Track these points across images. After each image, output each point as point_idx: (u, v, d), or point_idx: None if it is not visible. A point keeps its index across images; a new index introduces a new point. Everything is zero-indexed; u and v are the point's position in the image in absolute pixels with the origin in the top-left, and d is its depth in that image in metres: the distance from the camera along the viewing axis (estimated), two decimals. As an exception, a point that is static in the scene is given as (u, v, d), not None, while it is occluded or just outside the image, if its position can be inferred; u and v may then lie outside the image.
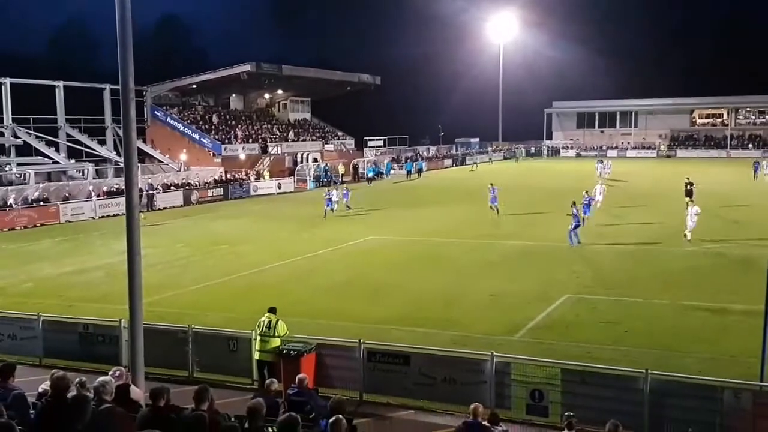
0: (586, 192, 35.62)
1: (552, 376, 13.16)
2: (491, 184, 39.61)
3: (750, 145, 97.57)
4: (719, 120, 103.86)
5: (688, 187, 38.40)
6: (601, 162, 64.57)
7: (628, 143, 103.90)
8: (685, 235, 29.41)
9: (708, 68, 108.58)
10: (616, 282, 23.22)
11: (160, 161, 64.37)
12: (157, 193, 50.05)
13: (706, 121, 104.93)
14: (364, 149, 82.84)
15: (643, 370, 12.50)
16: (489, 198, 39.06)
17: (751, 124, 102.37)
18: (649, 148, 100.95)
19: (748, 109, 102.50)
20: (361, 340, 14.26)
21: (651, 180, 61.06)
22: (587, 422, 10.83)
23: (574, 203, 30.47)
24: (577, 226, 29.84)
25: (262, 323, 14.46)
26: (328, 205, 40.23)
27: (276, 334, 14.27)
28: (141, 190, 39.65)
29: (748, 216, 36.91)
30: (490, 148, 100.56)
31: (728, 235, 31.18)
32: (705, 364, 14.83)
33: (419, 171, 72.80)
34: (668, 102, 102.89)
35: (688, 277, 23.68)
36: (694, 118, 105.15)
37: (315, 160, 70.88)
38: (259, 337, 14.41)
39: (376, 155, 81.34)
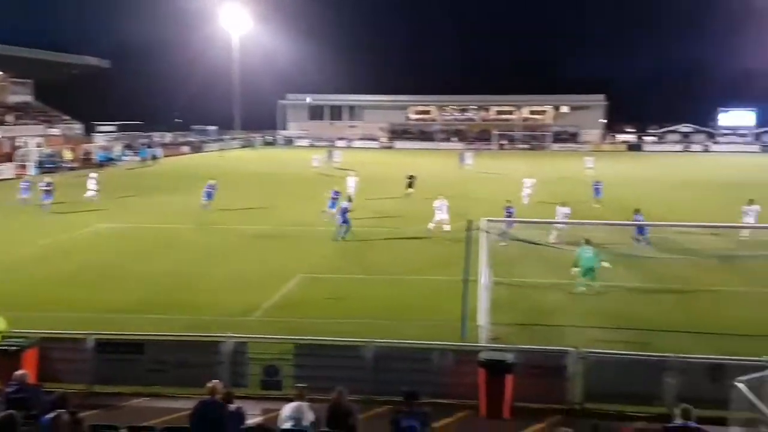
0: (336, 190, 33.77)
1: (285, 352, 13.39)
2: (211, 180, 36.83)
3: (454, 138, 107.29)
4: (429, 116, 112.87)
5: (409, 180, 40.83)
6: (330, 153, 66.53)
7: (355, 134, 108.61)
8: (438, 227, 29.03)
9: (421, 71, 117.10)
10: (344, 262, 24.14)
11: None
12: None
13: (418, 116, 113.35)
14: (95, 134, 77.06)
15: (367, 340, 13.20)
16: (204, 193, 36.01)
17: (454, 120, 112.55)
18: (372, 139, 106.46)
19: (452, 106, 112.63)
20: (90, 331, 13.32)
21: (378, 168, 64.18)
22: (319, 391, 11.12)
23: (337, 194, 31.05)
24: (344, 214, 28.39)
25: (-24, 321, 12.86)
26: (45, 198, 34.98)
27: (-7, 331, 12.77)
28: None
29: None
30: (227, 137, 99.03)
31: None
32: (420, 330, 15.97)
33: (154, 158, 69.41)
34: (387, 99, 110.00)
35: (409, 255, 25.29)
36: (408, 114, 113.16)
37: (38, 145, 64.37)
38: (-26, 335, 12.80)
39: (107, 141, 76.09)
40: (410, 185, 40.12)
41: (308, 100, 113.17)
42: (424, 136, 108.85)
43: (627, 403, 12.47)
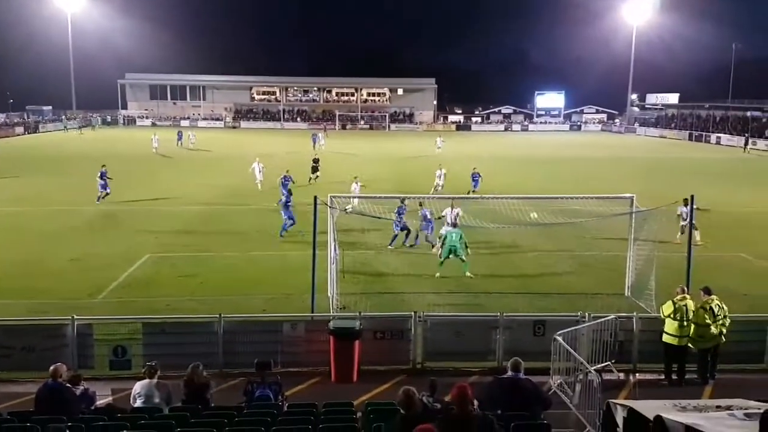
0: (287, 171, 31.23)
1: (134, 332, 12.78)
2: None
3: (298, 119, 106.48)
4: (273, 96, 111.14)
5: (315, 164, 37.48)
6: (180, 134, 63.64)
7: (199, 114, 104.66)
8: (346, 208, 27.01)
9: (266, 52, 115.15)
10: (193, 240, 23.29)
11: None
12: None
13: (263, 97, 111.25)
14: None
15: (217, 315, 12.86)
16: None
17: (298, 101, 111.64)
18: (217, 119, 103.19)
19: (295, 88, 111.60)
20: None
21: (229, 148, 62.32)
22: (171, 368, 10.71)
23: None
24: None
25: None
26: None
27: None
28: None
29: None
30: (64, 117, 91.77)
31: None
32: (269, 304, 15.83)
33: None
34: (231, 79, 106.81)
35: (252, 232, 24.85)
36: (253, 94, 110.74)
37: None
38: None
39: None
40: (315, 170, 36.75)
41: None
42: (269, 116, 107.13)
43: (463, 360, 13.10)
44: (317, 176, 36.05)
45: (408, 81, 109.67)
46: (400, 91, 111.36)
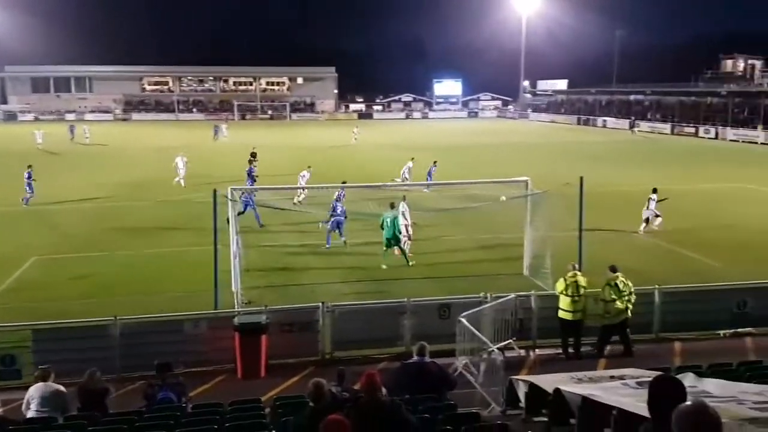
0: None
1: (23, 339, 12.07)
2: None
3: (194, 110, 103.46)
4: (166, 87, 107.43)
5: (252, 157, 34.18)
6: (72, 129, 60.57)
7: (86, 107, 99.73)
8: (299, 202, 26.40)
9: (156, 40, 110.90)
10: (83, 239, 22.22)
11: None
12: None
13: (155, 87, 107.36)
14: None
15: (113, 317, 12.34)
16: None
17: (193, 91, 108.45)
18: (106, 112, 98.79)
19: (190, 77, 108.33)
20: None
21: (125, 141, 59.75)
22: (65, 375, 10.17)
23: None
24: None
25: None
26: None
27: None
28: None
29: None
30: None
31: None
32: (170, 302, 15.29)
33: None
34: (120, 69, 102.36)
35: (150, 228, 24.00)
36: (144, 84, 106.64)
37: None
38: None
39: None
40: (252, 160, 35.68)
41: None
42: (163, 107, 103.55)
43: (372, 347, 13.19)
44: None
45: (308, 70, 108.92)
46: (300, 80, 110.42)
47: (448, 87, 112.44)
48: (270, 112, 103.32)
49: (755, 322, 14.15)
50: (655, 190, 23.51)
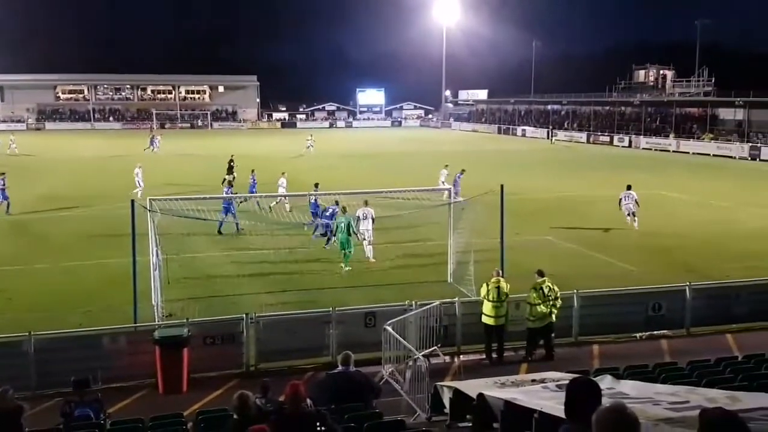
0: None
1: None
2: None
3: (111, 118, 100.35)
4: (81, 95, 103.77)
5: (231, 164, 35.27)
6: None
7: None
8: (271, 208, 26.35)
9: (70, 48, 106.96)
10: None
11: None
12: None
13: (69, 96, 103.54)
14: None
15: (27, 333, 11.81)
16: None
17: (110, 99, 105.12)
18: (18, 121, 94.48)
19: (106, 86, 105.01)
20: None
21: (51, 151, 57.06)
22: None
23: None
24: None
25: None
26: None
27: None
28: None
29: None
30: None
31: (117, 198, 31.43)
32: (88, 317, 14.75)
33: None
34: (33, 77, 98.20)
35: (70, 240, 23.05)
36: (58, 93, 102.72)
37: None
38: None
39: None
40: (231, 170, 33.96)
41: None
42: (78, 116, 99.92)
43: (298, 358, 13.09)
44: (233, 177, 33.34)
45: (229, 78, 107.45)
46: (221, 89, 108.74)
47: (371, 96, 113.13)
48: (190, 120, 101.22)
49: (670, 324, 14.77)
50: (629, 187, 25.00)
